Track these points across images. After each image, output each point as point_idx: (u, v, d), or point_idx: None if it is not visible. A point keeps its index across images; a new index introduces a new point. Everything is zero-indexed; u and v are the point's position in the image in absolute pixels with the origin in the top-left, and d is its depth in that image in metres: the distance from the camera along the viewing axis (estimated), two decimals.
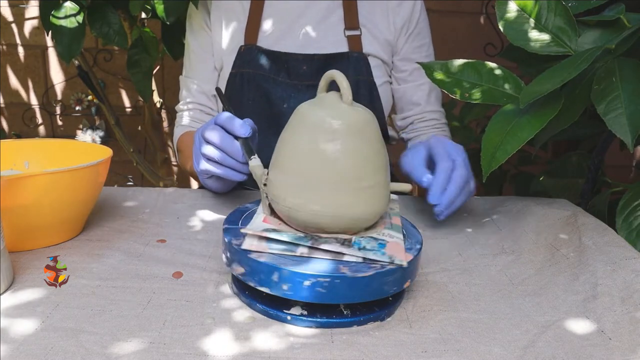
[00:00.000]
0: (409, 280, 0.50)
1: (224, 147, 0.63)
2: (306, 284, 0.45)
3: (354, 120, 0.49)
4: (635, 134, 0.61)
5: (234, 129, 0.62)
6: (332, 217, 0.49)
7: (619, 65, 0.66)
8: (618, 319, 0.48)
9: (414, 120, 0.97)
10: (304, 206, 0.49)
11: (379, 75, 0.91)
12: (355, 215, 0.50)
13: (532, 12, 0.72)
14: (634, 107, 0.62)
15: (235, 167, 0.64)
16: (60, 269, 0.54)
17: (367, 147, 0.50)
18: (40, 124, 1.90)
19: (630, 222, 0.73)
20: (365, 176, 0.49)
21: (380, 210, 0.52)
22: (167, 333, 0.45)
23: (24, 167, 0.70)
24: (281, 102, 0.88)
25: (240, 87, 0.89)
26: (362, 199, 0.49)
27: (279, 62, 0.89)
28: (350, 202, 0.49)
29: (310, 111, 0.51)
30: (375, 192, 0.50)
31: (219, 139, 0.63)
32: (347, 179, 0.49)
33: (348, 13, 0.90)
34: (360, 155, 0.49)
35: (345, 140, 0.48)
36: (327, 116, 0.49)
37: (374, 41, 0.91)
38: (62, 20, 1.15)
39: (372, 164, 0.50)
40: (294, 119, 0.52)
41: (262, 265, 0.47)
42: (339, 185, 0.49)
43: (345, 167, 0.48)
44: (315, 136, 0.49)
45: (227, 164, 0.64)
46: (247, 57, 0.88)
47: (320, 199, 0.49)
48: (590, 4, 0.74)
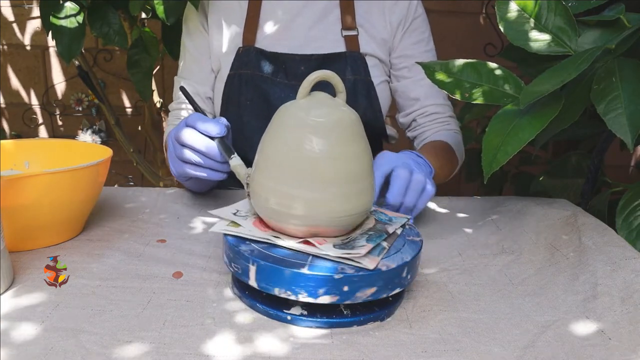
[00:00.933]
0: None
1: (201, 148, 0.62)
2: (307, 284, 0.45)
3: (337, 120, 0.49)
4: (635, 134, 0.61)
5: (208, 129, 0.61)
6: (314, 219, 0.49)
7: (619, 65, 0.66)
8: (618, 319, 0.48)
9: (416, 116, 0.96)
10: (286, 207, 0.49)
11: (377, 74, 0.91)
12: (339, 215, 0.49)
13: (532, 12, 0.72)
14: (634, 107, 0.62)
15: (214, 167, 0.63)
16: (60, 269, 0.54)
17: (351, 147, 0.49)
18: (40, 124, 1.90)
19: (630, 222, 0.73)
20: (349, 177, 0.49)
21: (364, 211, 0.51)
22: (167, 333, 0.45)
23: (24, 167, 0.70)
24: (280, 102, 0.88)
25: (238, 88, 0.89)
26: (346, 200, 0.49)
27: (277, 63, 0.89)
28: (333, 203, 0.48)
29: (292, 111, 0.50)
30: (359, 193, 0.50)
31: (195, 141, 0.62)
32: (330, 180, 0.48)
33: (345, 13, 0.90)
34: (344, 156, 0.49)
35: (328, 140, 0.48)
36: (309, 116, 0.49)
37: (371, 41, 0.91)
38: (62, 20, 1.15)
39: (357, 165, 0.50)
40: (276, 119, 0.52)
41: (263, 265, 0.47)
42: (322, 186, 0.48)
43: (327, 168, 0.48)
44: (297, 137, 0.48)
45: (207, 165, 0.63)
46: (245, 58, 0.88)
47: (302, 200, 0.48)
48: (590, 4, 0.74)
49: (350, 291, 0.46)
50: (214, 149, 0.62)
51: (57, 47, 1.17)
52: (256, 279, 0.47)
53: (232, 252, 0.50)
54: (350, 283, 0.46)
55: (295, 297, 0.46)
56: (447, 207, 0.81)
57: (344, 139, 0.49)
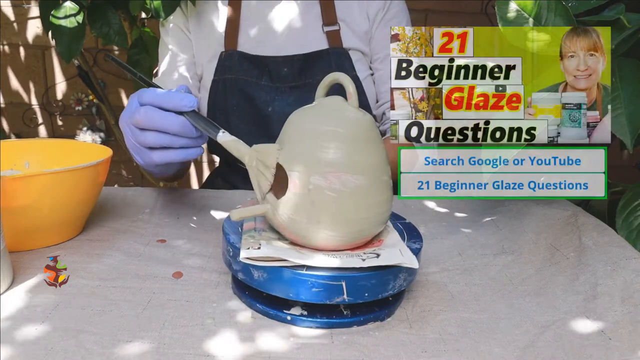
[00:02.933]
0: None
1: (169, 127, 0.53)
2: (307, 284, 0.45)
3: (359, 126, 0.48)
4: (635, 134, 0.61)
5: (175, 104, 0.52)
6: (337, 233, 0.48)
7: (619, 65, 0.66)
8: (618, 319, 0.48)
9: (385, 109, 0.94)
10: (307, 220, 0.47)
11: (362, 69, 0.91)
12: (361, 228, 0.48)
13: (532, 12, 0.72)
14: (633, 107, 0.62)
15: (188, 144, 0.55)
16: (60, 269, 0.54)
17: (371, 155, 0.48)
18: (40, 124, 1.90)
19: (630, 222, 0.73)
20: (373, 188, 0.48)
21: (384, 220, 0.51)
22: (167, 333, 0.45)
23: (24, 167, 0.70)
24: (265, 105, 0.88)
25: (223, 94, 0.88)
26: (369, 212, 0.48)
27: (260, 66, 0.88)
28: (358, 216, 0.47)
29: (310, 119, 0.49)
30: (382, 204, 0.49)
31: (160, 120, 0.52)
32: (356, 193, 0.47)
33: (325, 9, 0.89)
34: (365, 166, 0.47)
35: (350, 148, 0.47)
36: (330, 124, 0.48)
37: (353, 35, 0.90)
38: (62, 20, 1.15)
39: (377, 174, 0.48)
40: (290, 127, 0.50)
41: (263, 266, 0.47)
42: (350, 198, 0.47)
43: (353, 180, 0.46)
44: (318, 145, 0.47)
45: (179, 144, 0.54)
46: (228, 62, 0.88)
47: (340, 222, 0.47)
48: (590, 4, 0.74)
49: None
50: (187, 124, 0.53)
51: (56, 47, 1.17)
52: (256, 280, 0.47)
53: (231, 252, 0.49)
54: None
55: (296, 297, 0.46)
56: (447, 207, 0.81)
57: (365, 145, 0.48)
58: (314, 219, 0.46)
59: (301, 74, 0.88)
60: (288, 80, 0.89)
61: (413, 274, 0.50)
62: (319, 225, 0.47)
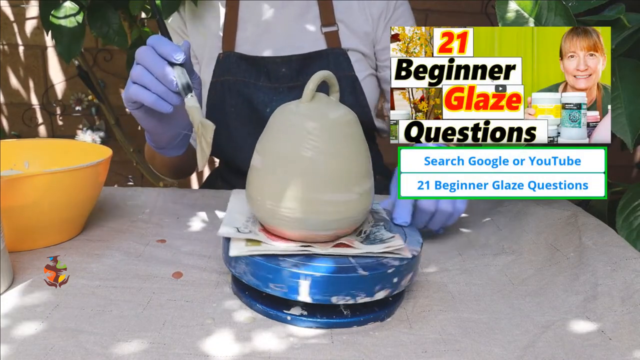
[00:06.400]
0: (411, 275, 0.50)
1: (155, 70, 0.57)
2: (306, 284, 0.45)
3: (335, 121, 0.49)
4: (635, 134, 0.61)
5: (165, 52, 0.56)
6: (313, 220, 0.48)
7: (619, 65, 0.66)
8: (618, 319, 0.48)
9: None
10: (284, 208, 0.48)
11: (361, 69, 0.91)
12: (341, 217, 0.49)
13: (532, 12, 0.72)
14: (633, 107, 0.62)
15: (164, 95, 0.58)
16: (60, 269, 0.54)
17: (349, 148, 0.49)
18: (40, 124, 1.90)
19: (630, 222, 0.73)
20: (349, 179, 0.49)
21: (364, 211, 0.51)
22: (167, 333, 0.45)
23: (24, 167, 0.70)
24: (264, 106, 0.88)
25: (221, 95, 0.88)
26: (346, 201, 0.49)
27: (258, 67, 0.88)
28: (334, 205, 0.48)
29: (290, 113, 0.50)
30: (360, 194, 0.50)
31: (150, 60, 0.57)
32: (330, 182, 0.48)
33: (324, 10, 0.89)
34: (342, 157, 0.49)
35: (326, 142, 0.48)
36: (306, 118, 0.49)
37: (352, 35, 0.90)
38: (61, 20, 1.15)
39: (355, 166, 0.50)
40: (274, 121, 0.51)
41: (263, 265, 0.47)
42: (321, 188, 0.48)
43: (327, 170, 0.48)
44: (296, 139, 0.48)
45: (157, 90, 0.57)
46: (226, 64, 0.88)
47: (300, 202, 0.48)
48: (590, 4, 0.74)
49: (398, 281, 0.48)
50: (170, 74, 0.57)
51: (56, 47, 1.17)
52: (310, 293, 0.46)
53: (270, 272, 0.47)
54: (398, 274, 0.48)
55: (354, 300, 0.46)
56: None
57: (343, 140, 0.49)
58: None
59: (299, 75, 0.88)
60: (286, 81, 0.88)
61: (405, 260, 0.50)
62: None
